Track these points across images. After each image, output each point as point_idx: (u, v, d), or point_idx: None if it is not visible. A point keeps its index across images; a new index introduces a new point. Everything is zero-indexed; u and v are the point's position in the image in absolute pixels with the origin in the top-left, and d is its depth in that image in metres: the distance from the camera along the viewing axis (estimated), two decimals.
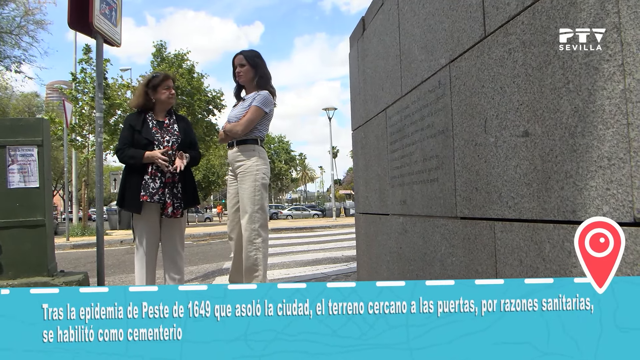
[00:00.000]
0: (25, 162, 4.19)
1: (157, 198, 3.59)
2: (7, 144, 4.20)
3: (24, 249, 4.18)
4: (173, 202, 3.64)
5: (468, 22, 1.48)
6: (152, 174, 3.60)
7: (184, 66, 23.16)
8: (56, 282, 4.18)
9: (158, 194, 3.60)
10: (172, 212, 3.64)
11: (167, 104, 3.78)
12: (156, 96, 3.77)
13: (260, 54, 3.95)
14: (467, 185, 1.50)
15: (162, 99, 3.76)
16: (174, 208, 3.64)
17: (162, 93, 3.76)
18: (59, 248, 11.16)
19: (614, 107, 0.91)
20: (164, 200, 3.62)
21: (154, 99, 3.78)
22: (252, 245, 3.65)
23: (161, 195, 3.61)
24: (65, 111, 13.18)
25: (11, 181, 4.16)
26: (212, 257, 9.80)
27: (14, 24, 19.28)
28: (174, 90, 3.83)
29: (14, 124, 4.33)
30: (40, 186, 4.23)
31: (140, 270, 3.72)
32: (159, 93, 3.76)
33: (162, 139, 3.69)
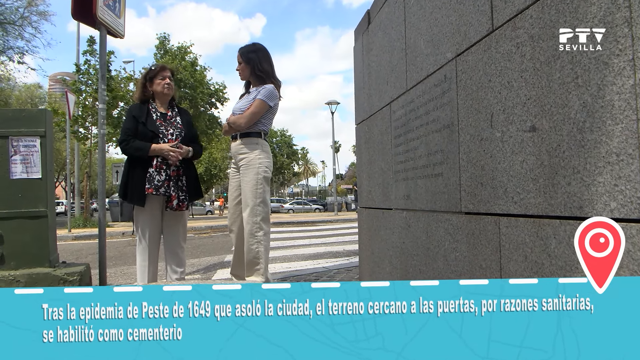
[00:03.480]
0: (28, 153, 4.18)
1: (162, 191, 3.60)
2: (9, 134, 4.19)
3: (26, 239, 4.18)
4: (178, 195, 3.65)
5: (475, 16, 1.47)
6: (157, 166, 3.60)
7: (187, 59, 23.13)
8: (58, 273, 4.19)
9: (164, 186, 3.61)
10: (178, 204, 3.65)
11: (165, 95, 3.77)
12: (153, 88, 3.77)
13: (258, 48, 3.91)
14: (472, 180, 1.49)
15: (158, 90, 3.75)
16: (179, 201, 3.65)
17: (157, 84, 3.75)
18: (61, 239, 11.18)
19: (623, 102, 0.90)
20: (169, 193, 3.63)
21: (151, 90, 3.78)
22: (253, 239, 3.65)
23: (167, 188, 3.62)
24: (68, 102, 13.18)
25: (14, 172, 4.16)
26: (213, 250, 9.82)
27: (17, 14, 19.25)
28: (171, 81, 3.80)
29: (17, 115, 4.33)
30: (42, 177, 4.23)
31: (142, 263, 3.72)
32: (155, 84, 3.76)
33: (167, 131, 3.69)
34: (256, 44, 3.95)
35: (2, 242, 4.14)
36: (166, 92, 3.76)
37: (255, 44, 3.98)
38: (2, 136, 4.10)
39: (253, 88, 3.93)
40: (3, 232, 4.16)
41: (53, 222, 4.44)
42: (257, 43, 4.00)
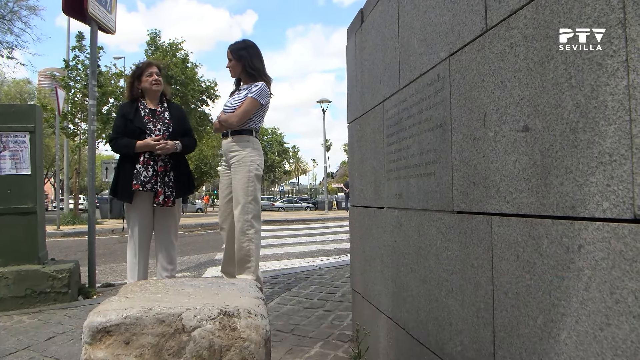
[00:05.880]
0: (17, 149, 4.15)
1: (149, 187, 3.59)
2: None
3: (15, 236, 4.15)
4: (164, 191, 3.64)
5: (469, 16, 1.47)
6: (144, 162, 3.59)
7: (178, 55, 23.02)
8: (47, 270, 4.15)
9: (151, 182, 3.60)
10: (164, 200, 3.64)
11: (154, 92, 3.78)
12: (141, 85, 3.78)
13: (249, 45, 3.91)
14: (464, 179, 1.50)
15: (145, 86, 3.76)
16: (165, 197, 3.64)
17: (144, 81, 3.77)
18: (50, 236, 11.09)
19: (616, 103, 0.91)
20: (155, 189, 3.62)
21: (140, 88, 3.79)
22: (244, 237, 3.64)
23: (154, 184, 3.61)
24: (58, 98, 13.08)
25: (2, 168, 4.12)
26: (204, 247, 9.80)
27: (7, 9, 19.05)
28: (158, 76, 3.81)
29: (6, 110, 4.28)
30: (31, 173, 4.19)
31: (132, 259, 3.71)
32: (143, 81, 3.78)
33: (154, 127, 3.68)
34: (247, 41, 3.94)
35: None
36: (154, 88, 3.76)
37: (245, 40, 3.97)
38: None
39: (244, 85, 3.93)
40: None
41: (42, 219, 4.41)
42: (247, 40, 3.99)
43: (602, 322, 0.94)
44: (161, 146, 3.58)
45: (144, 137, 3.59)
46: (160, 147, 3.58)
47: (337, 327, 3.27)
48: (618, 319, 0.90)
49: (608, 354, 0.92)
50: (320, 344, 2.94)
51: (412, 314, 1.95)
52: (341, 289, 4.49)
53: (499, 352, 1.30)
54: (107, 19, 4.88)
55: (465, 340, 1.50)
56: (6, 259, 4.15)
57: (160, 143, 3.57)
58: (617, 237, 0.90)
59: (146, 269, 3.77)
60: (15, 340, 3.14)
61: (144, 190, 3.59)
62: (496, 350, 1.32)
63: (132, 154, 3.58)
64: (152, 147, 3.58)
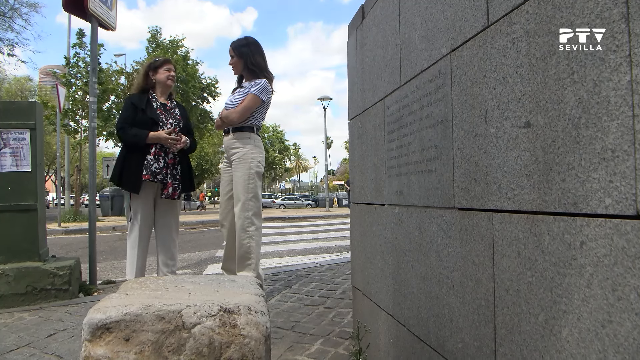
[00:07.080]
0: (18, 146, 4.14)
1: (160, 177, 3.64)
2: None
3: (15, 233, 4.15)
4: (173, 183, 3.70)
5: (471, 11, 1.46)
6: (155, 154, 3.63)
7: (179, 53, 23.01)
8: (47, 267, 4.15)
9: (162, 173, 3.65)
10: (172, 192, 3.70)
11: (167, 86, 3.85)
12: (156, 76, 3.84)
13: (250, 42, 3.92)
14: (465, 176, 1.49)
15: (161, 78, 3.82)
16: (174, 189, 3.70)
17: (162, 73, 3.84)
18: (51, 233, 11.10)
19: (619, 98, 0.90)
20: (166, 180, 3.67)
21: (154, 79, 3.85)
22: (245, 234, 3.64)
23: (164, 176, 3.66)
24: (59, 95, 13.09)
25: (3, 165, 4.12)
26: (204, 244, 9.80)
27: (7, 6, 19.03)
28: (174, 74, 3.92)
29: (7, 107, 4.28)
30: (32, 170, 4.19)
31: (132, 251, 3.72)
32: (159, 73, 3.84)
33: (167, 120, 3.73)
34: (248, 38, 3.93)
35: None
36: (169, 82, 3.85)
37: (247, 37, 3.97)
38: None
39: (246, 82, 3.92)
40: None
41: (43, 216, 4.41)
42: (249, 37, 3.99)
43: (604, 319, 0.93)
44: (179, 139, 3.67)
45: (156, 129, 3.64)
46: (174, 140, 3.66)
47: (337, 324, 3.27)
48: (620, 316, 0.89)
49: (610, 351, 0.91)
50: (321, 341, 2.94)
51: (412, 311, 1.94)
52: (342, 286, 4.49)
53: (500, 349, 1.30)
54: (108, 15, 4.88)
55: (466, 338, 1.49)
56: (7, 255, 4.15)
57: (174, 138, 3.64)
58: (619, 234, 0.90)
59: (144, 265, 3.77)
60: (16, 337, 3.14)
61: (154, 181, 3.64)
62: (497, 347, 1.31)
63: (142, 144, 3.61)
64: (164, 140, 3.63)
